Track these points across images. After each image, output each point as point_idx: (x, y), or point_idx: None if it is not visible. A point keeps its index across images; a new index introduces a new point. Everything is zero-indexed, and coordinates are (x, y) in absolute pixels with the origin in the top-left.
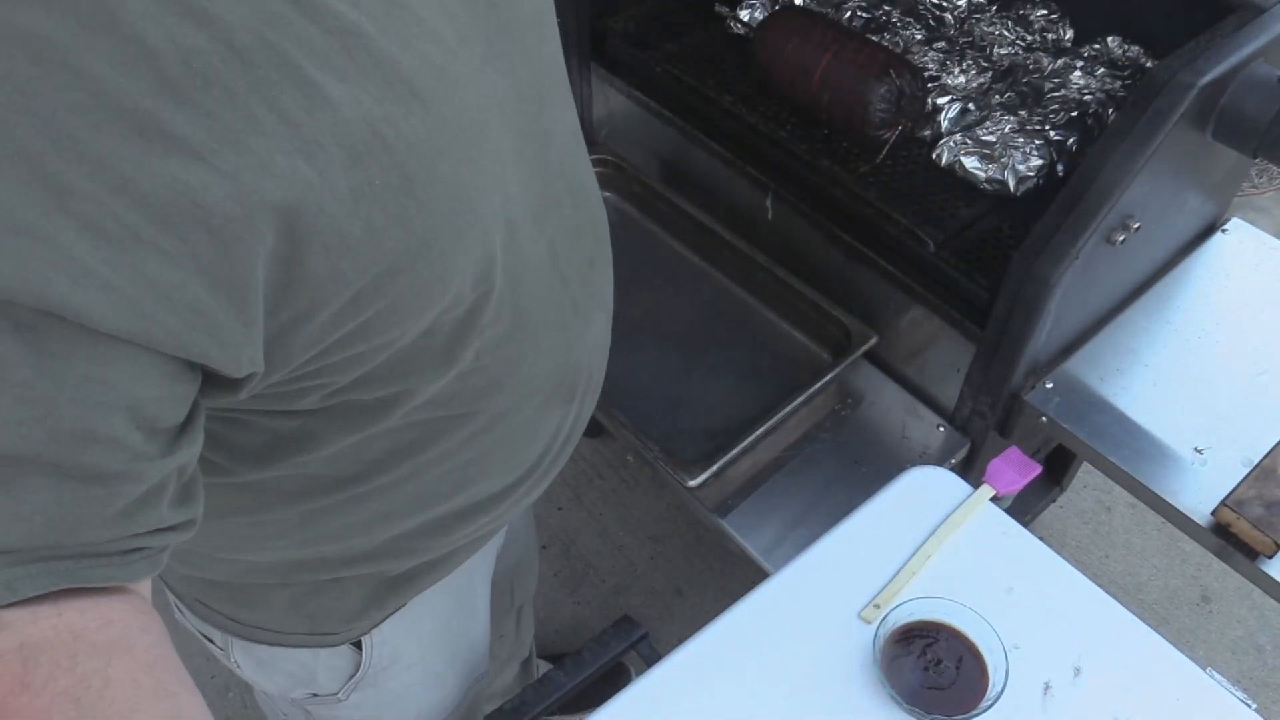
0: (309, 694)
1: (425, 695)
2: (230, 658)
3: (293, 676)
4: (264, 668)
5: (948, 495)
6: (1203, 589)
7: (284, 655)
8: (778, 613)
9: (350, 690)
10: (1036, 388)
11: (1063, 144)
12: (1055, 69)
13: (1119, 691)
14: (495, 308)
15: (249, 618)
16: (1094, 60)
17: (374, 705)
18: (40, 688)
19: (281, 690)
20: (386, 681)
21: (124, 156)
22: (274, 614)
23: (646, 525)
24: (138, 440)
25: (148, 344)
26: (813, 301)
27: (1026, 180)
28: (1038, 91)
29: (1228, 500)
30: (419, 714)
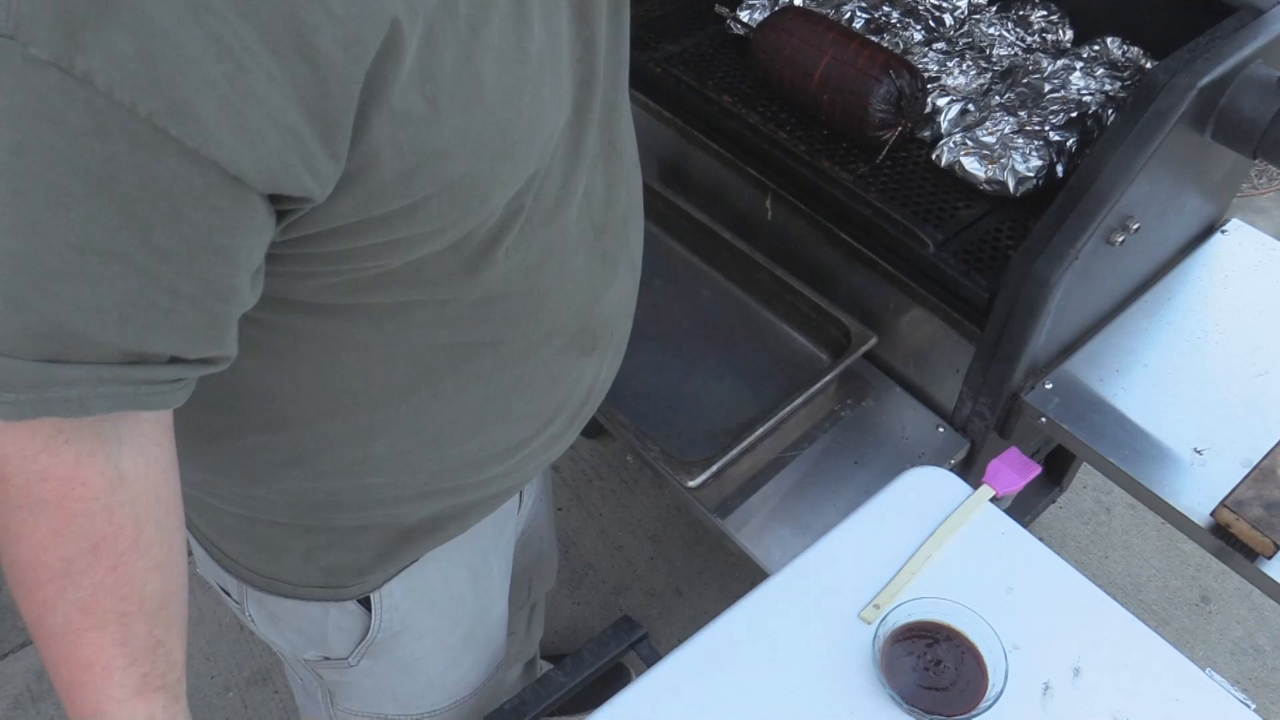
0: (320, 656)
1: (440, 671)
2: (245, 611)
3: (304, 635)
4: (277, 623)
5: (947, 496)
6: (1202, 590)
7: (296, 611)
8: (777, 613)
9: (360, 655)
10: (1036, 388)
11: (1062, 145)
12: (1055, 70)
13: (1118, 692)
14: (522, 232)
15: (266, 568)
16: (1094, 61)
17: (386, 674)
18: (146, 547)
19: (294, 649)
20: (397, 650)
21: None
22: (290, 565)
23: (646, 526)
24: (228, 269)
25: (252, 165)
26: (812, 302)
27: (1026, 181)
28: (1037, 92)
29: (1227, 501)
30: (436, 690)
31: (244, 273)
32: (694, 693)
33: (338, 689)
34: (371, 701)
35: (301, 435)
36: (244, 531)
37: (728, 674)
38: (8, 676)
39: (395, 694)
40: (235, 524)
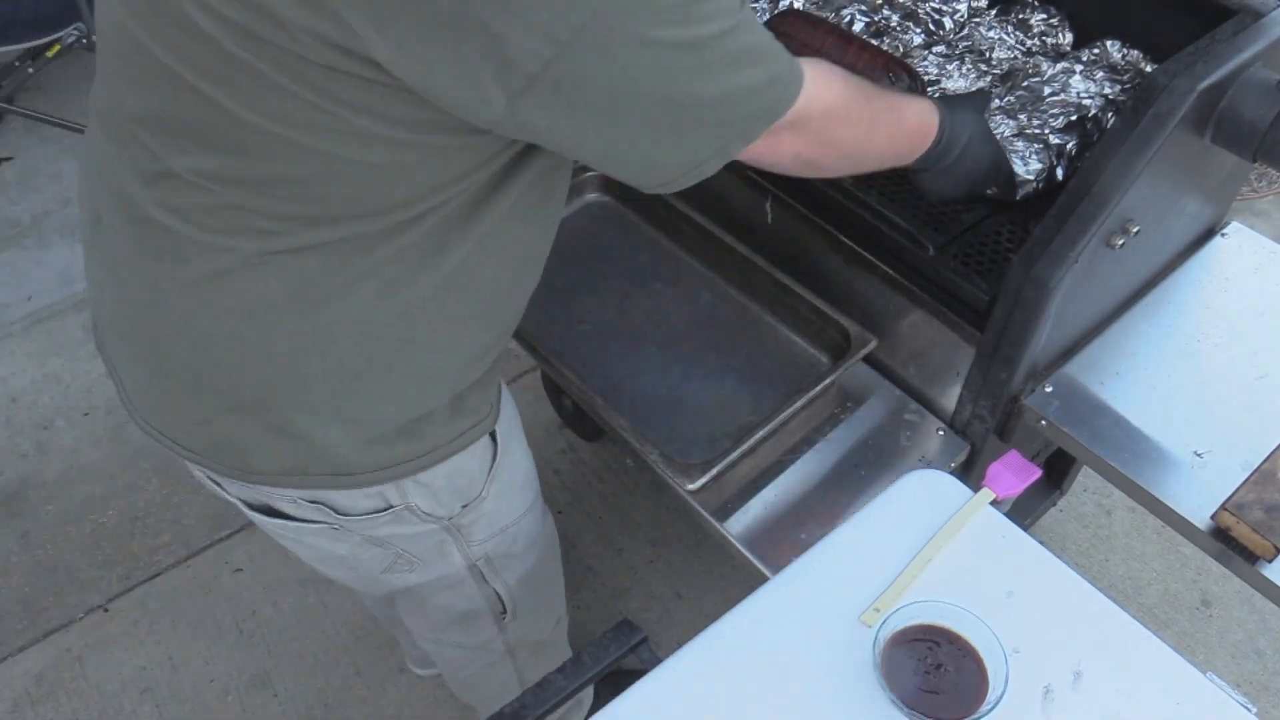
0: (461, 506)
1: (523, 467)
2: (408, 503)
3: (457, 491)
4: (438, 495)
5: (947, 499)
6: (1203, 593)
7: (450, 470)
8: (777, 616)
9: (489, 483)
10: (1036, 391)
11: (1062, 148)
12: (1054, 73)
13: (1119, 695)
14: None
15: (422, 446)
16: (1093, 64)
17: (500, 491)
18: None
19: (447, 511)
20: (505, 463)
21: None
22: (437, 427)
23: (646, 529)
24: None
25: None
26: (812, 305)
27: (1026, 185)
28: (1037, 95)
29: (1227, 504)
30: (523, 487)
31: None
32: (694, 696)
33: (470, 529)
34: (496, 521)
35: (507, 292)
36: (408, 417)
37: (728, 677)
38: (7, 679)
39: (507, 504)
40: (420, 418)
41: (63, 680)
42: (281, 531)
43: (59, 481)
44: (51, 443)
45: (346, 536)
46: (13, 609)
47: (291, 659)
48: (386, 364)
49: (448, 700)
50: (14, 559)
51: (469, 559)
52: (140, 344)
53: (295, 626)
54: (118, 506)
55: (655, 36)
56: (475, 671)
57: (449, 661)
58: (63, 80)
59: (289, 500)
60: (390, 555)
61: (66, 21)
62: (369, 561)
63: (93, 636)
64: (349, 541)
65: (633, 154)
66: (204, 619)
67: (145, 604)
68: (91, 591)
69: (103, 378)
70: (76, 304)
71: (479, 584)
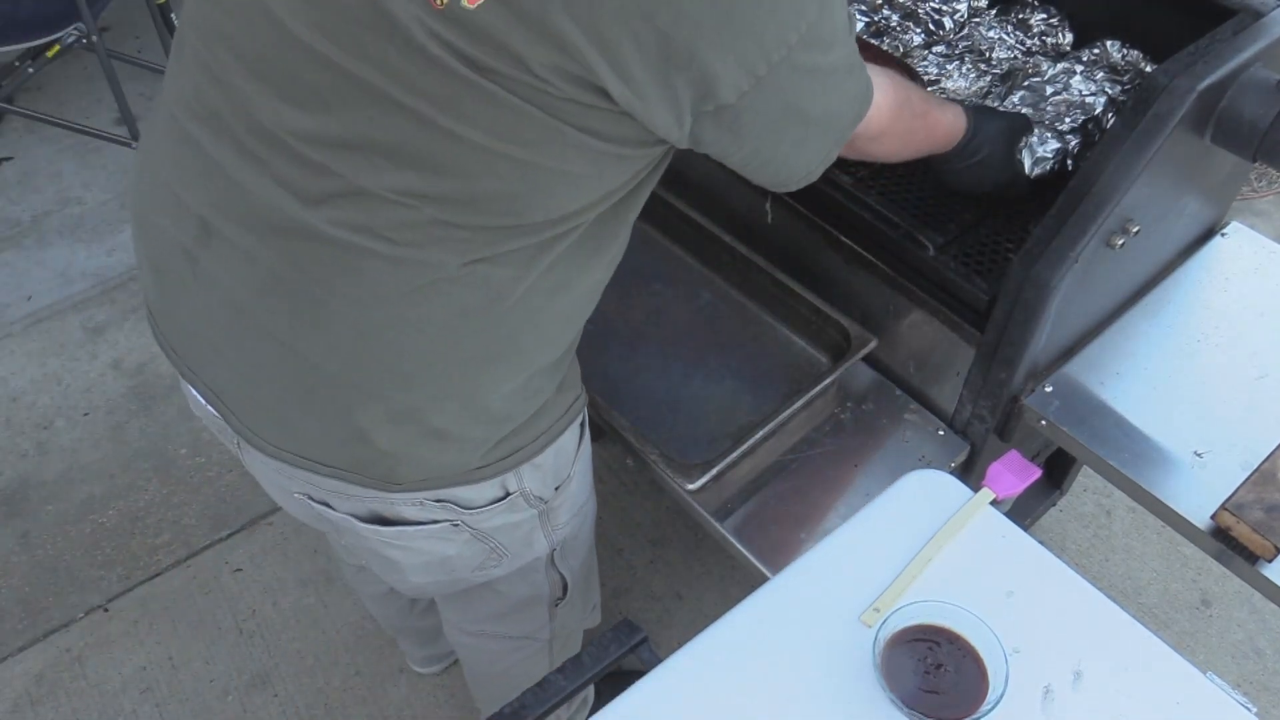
0: (555, 487)
1: (587, 444)
2: (523, 488)
3: (556, 472)
4: (545, 475)
5: (948, 499)
6: (1203, 593)
7: (556, 448)
8: (777, 616)
9: (576, 462)
10: (1036, 391)
11: (1066, 146)
12: (1055, 73)
13: (1119, 695)
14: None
15: (533, 432)
16: (1094, 65)
17: (581, 468)
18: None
19: (547, 491)
20: (584, 441)
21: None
22: (550, 410)
23: (646, 529)
24: None
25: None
26: (812, 305)
27: (1043, 162)
28: (1039, 95)
29: (1227, 504)
30: (590, 464)
31: None
32: (694, 696)
33: (557, 511)
34: (575, 501)
35: (601, 284)
36: (534, 406)
37: (728, 677)
38: (7, 680)
39: (583, 482)
40: (529, 407)
41: (63, 680)
42: (393, 539)
43: (59, 481)
44: (51, 443)
45: (459, 534)
46: (13, 609)
47: (291, 659)
48: (531, 360)
49: (448, 700)
50: (14, 559)
51: (551, 543)
52: (276, 362)
53: (295, 626)
54: (118, 506)
55: (815, 64)
56: (511, 664)
57: (483, 654)
58: (63, 80)
59: (416, 504)
60: (487, 550)
61: (66, 21)
62: (469, 559)
63: (93, 636)
64: (459, 540)
65: (773, 162)
66: (204, 619)
67: (145, 604)
68: (91, 591)
69: (102, 378)
70: (76, 304)
71: (549, 569)
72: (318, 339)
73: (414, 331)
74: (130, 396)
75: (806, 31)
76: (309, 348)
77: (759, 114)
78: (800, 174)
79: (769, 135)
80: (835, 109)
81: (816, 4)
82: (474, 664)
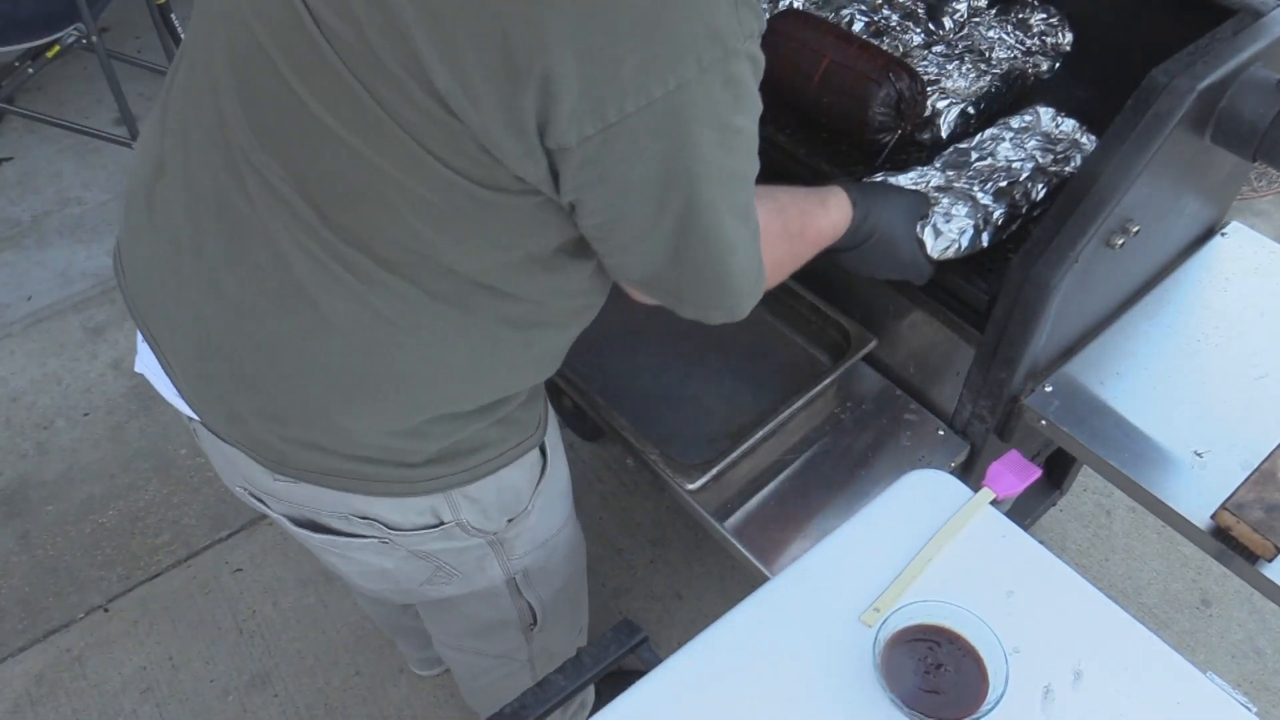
0: (507, 520)
1: (564, 480)
2: (459, 519)
3: (505, 507)
4: (486, 511)
5: (948, 499)
6: (1203, 592)
7: (499, 485)
8: (777, 616)
9: (536, 497)
10: (1036, 391)
11: (989, 214)
12: (983, 139)
13: (1119, 695)
14: None
15: (460, 464)
16: (1025, 131)
17: (544, 504)
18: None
19: (494, 526)
20: (551, 476)
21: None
22: (489, 446)
23: (646, 529)
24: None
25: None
26: (812, 305)
27: (952, 243)
28: (964, 159)
29: (1227, 504)
30: (564, 499)
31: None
32: (694, 696)
33: (513, 543)
34: (538, 535)
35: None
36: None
37: (728, 677)
38: (7, 680)
39: (550, 516)
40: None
41: (63, 680)
42: (328, 546)
43: (59, 481)
44: (51, 443)
45: (393, 550)
46: (13, 609)
47: (291, 659)
48: (422, 401)
49: (448, 700)
50: (14, 559)
51: (508, 572)
52: (203, 302)
53: (295, 626)
54: (118, 506)
55: (718, 130)
56: (493, 680)
57: (467, 667)
58: (63, 80)
59: (339, 517)
60: (431, 568)
61: (66, 21)
62: (411, 574)
63: (93, 636)
64: (395, 555)
65: (637, 260)
66: (204, 619)
67: (145, 604)
68: (91, 591)
69: (102, 378)
70: (76, 304)
71: (513, 596)
72: (240, 283)
73: (318, 324)
74: (130, 396)
75: (689, 83)
76: (233, 290)
77: (604, 177)
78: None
79: (620, 208)
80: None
81: (716, 48)
82: (459, 675)
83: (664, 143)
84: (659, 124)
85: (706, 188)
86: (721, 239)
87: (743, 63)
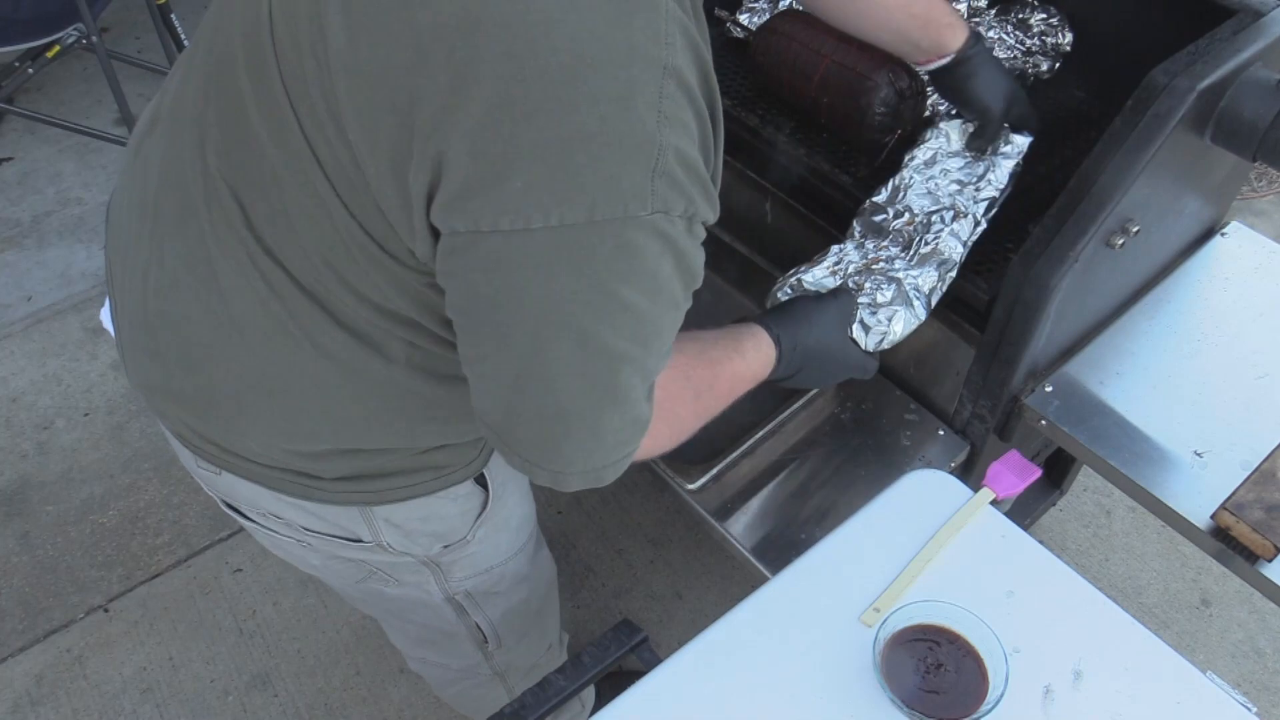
0: (443, 546)
1: (520, 512)
2: (380, 539)
3: (435, 535)
4: (411, 536)
5: (948, 499)
6: (1203, 592)
7: (423, 513)
8: (777, 616)
9: (477, 528)
10: (1036, 391)
11: (918, 286)
12: (897, 188)
13: (1119, 695)
14: None
15: (386, 484)
16: (933, 165)
17: (491, 534)
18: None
19: (423, 550)
20: (500, 509)
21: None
22: (403, 474)
23: (646, 528)
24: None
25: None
26: None
27: (886, 334)
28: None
29: (1227, 504)
30: (517, 530)
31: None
32: (694, 696)
33: (450, 567)
34: (479, 563)
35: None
36: (380, 466)
37: (728, 677)
38: (7, 680)
39: (495, 547)
40: (378, 465)
41: (63, 680)
42: (255, 530)
43: (59, 482)
44: (51, 443)
45: (309, 552)
46: (13, 609)
47: (291, 659)
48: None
49: None
50: (14, 559)
51: (446, 592)
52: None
53: (295, 626)
54: (118, 506)
55: (595, 292)
56: (462, 690)
57: (434, 679)
58: (63, 80)
59: (257, 512)
60: (363, 571)
61: (66, 22)
62: (342, 573)
63: (93, 636)
64: (319, 554)
65: (474, 369)
66: (204, 619)
67: (145, 604)
68: (91, 591)
69: (102, 378)
70: (76, 304)
71: (458, 614)
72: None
73: (227, 323)
74: (130, 397)
75: (574, 228)
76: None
77: (461, 278)
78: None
79: (469, 316)
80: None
81: (615, 206)
82: (432, 685)
83: (527, 275)
84: (529, 255)
85: (558, 344)
86: (557, 403)
87: (647, 236)
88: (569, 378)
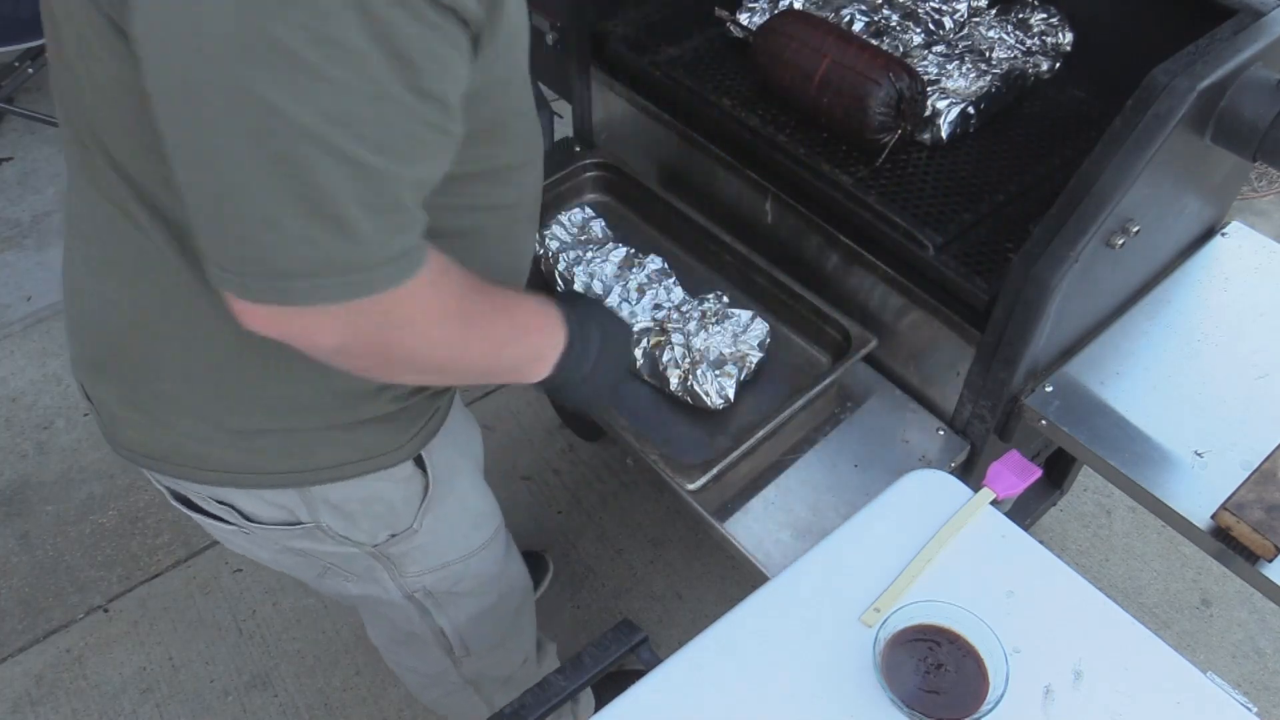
0: (389, 535)
1: (478, 506)
2: (319, 521)
3: (379, 519)
4: (353, 519)
5: (948, 499)
6: (1203, 592)
7: (364, 495)
8: (778, 616)
9: (422, 516)
10: (1036, 391)
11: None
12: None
13: (1119, 695)
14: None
15: (313, 462)
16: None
17: (442, 526)
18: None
19: (368, 538)
20: (443, 496)
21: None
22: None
23: (646, 529)
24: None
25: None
26: (812, 304)
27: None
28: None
29: (1227, 504)
30: (479, 525)
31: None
32: (694, 696)
33: (401, 559)
34: (432, 556)
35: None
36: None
37: (728, 677)
38: (7, 680)
39: (448, 540)
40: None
41: (63, 680)
42: (202, 522)
43: (59, 481)
44: (51, 443)
45: (261, 542)
46: (13, 609)
47: (291, 659)
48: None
49: None
50: (14, 559)
51: (404, 589)
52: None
53: (295, 626)
54: (118, 506)
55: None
56: (436, 697)
57: (410, 684)
58: None
59: (197, 495)
60: (318, 565)
61: None
62: (296, 568)
63: (93, 636)
64: (267, 548)
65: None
66: (204, 619)
67: (145, 604)
68: (91, 591)
69: None
70: None
71: (421, 615)
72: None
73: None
74: None
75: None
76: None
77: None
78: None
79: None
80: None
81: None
82: (409, 690)
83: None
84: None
85: (212, 100)
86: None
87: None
88: (225, 137)
